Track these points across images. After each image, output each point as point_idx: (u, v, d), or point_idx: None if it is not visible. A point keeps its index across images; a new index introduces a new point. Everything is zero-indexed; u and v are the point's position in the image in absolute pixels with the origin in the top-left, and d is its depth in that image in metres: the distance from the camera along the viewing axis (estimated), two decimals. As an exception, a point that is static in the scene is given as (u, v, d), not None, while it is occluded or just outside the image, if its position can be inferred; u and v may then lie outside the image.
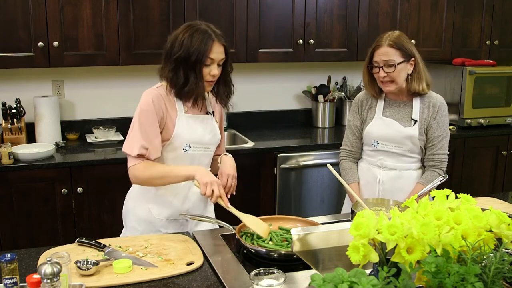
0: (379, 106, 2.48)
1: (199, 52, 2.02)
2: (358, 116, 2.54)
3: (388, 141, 2.43)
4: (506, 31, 4.29)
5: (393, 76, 2.34)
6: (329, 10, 3.73)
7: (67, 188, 3.02)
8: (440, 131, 2.41)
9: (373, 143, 2.47)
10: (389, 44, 2.34)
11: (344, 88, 4.18)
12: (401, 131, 2.40)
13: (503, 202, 2.44)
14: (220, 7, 3.45)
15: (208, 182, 1.97)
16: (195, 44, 2.03)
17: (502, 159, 4.11)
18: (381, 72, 2.35)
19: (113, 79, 3.68)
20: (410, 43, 2.39)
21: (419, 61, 2.40)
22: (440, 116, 2.41)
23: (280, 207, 3.50)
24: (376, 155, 2.48)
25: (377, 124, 2.45)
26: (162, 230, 2.19)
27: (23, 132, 3.27)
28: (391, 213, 1.38)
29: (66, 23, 3.15)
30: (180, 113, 2.13)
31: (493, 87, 4.14)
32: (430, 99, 2.43)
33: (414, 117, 2.41)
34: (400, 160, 2.45)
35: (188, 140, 2.14)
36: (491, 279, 1.26)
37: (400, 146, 2.42)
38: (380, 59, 2.35)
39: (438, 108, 2.41)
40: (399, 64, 2.33)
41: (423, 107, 2.42)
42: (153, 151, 2.07)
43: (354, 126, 2.54)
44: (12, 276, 1.48)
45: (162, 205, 2.19)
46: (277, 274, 1.48)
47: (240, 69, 3.93)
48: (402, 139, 2.41)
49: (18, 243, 2.99)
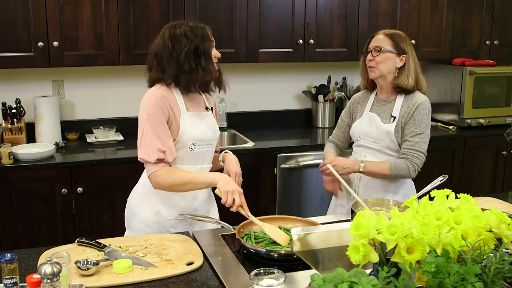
0: (368, 103, 2.53)
1: (204, 38, 2.12)
2: (349, 113, 2.61)
3: (368, 136, 2.47)
4: (506, 31, 4.29)
5: (377, 60, 2.39)
6: (329, 10, 3.73)
7: (67, 188, 3.02)
8: (415, 127, 2.36)
9: (356, 138, 2.53)
10: (384, 33, 2.43)
11: (344, 88, 4.18)
12: (379, 127, 2.43)
13: (503, 202, 2.44)
14: (220, 7, 3.45)
15: (229, 190, 1.95)
16: (198, 32, 2.11)
17: (502, 159, 4.11)
18: (369, 56, 2.42)
19: (113, 79, 3.68)
20: (407, 42, 2.42)
21: (412, 60, 2.40)
22: (417, 114, 2.37)
23: (280, 207, 3.50)
24: (360, 151, 2.53)
25: (362, 120, 2.51)
26: (172, 231, 2.19)
27: (23, 132, 3.27)
28: (391, 213, 1.38)
29: (66, 23, 3.15)
30: (183, 112, 2.14)
31: (493, 87, 4.14)
32: (414, 98, 2.41)
33: (393, 114, 2.42)
34: (378, 157, 2.44)
35: (193, 138, 2.14)
36: (491, 279, 1.26)
37: (378, 142, 2.44)
38: (372, 45, 2.43)
39: (418, 106, 2.37)
40: (387, 51, 2.38)
41: (404, 105, 2.41)
42: (170, 152, 2.06)
43: (342, 121, 2.65)
44: (12, 276, 1.48)
45: (170, 205, 2.19)
46: (277, 274, 1.48)
47: (240, 69, 3.93)
48: (380, 135, 2.43)
49: (18, 243, 2.99)
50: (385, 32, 2.43)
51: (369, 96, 2.55)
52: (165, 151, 2.04)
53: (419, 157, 2.36)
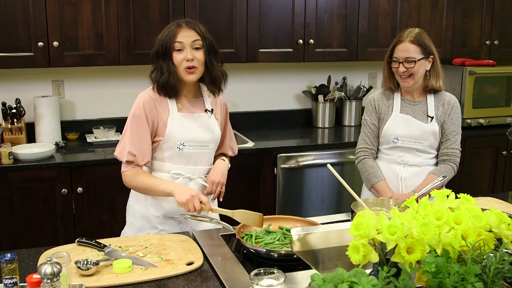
0: (396, 104, 2.53)
1: (166, 39, 2.09)
2: (376, 114, 2.58)
3: (409, 137, 2.48)
4: (506, 31, 4.29)
5: (412, 71, 2.41)
6: (329, 10, 3.73)
7: (67, 188, 3.02)
8: (454, 127, 2.50)
9: (392, 140, 2.51)
10: (410, 40, 2.41)
11: (344, 88, 4.18)
12: (421, 127, 2.47)
13: (503, 202, 2.44)
14: (220, 7, 3.45)
15: (185, 201, 1.99)
16: (164, 35, 2.12)
17: (502, 159, 4.11)
18: (401, 68, 2.41)
19: (113, 79, 3.68)
20: (429, 40, 2.46)
21: (437, 59, 2.47)
22: (454, 113, 2.50)
23: (280, 207, 3.50)
24: (395, 153, 2.52)
25: (396, 121, 2.51)
26: (159, 227, 2.20)
27: (23, 132, 3.27)
28: (391, 213, 1.38)
29: (66, 23, 3.15)
30: (172, 112, 2.15)
31: (493, 87, 4.14)
32: (444, 97, 2.52)
33: (430, 114, 2.48)
34: (419, 156, 2.50)
35: (181, 138, 2.14)
36: (491, 279, 1.26)
37: (420, 142, 2.48)
38: (401, 55, 2.41)
39: (453, 106, 2.50)
40: (418, 60, 2.40)
41: (437, 104, 2.50)
42: (141, 156, 2.11)
43: (372, 124, 2.57)
44: (12, 276, 1.48)
45: (159, 202, 2.20)
46: (277, 274, 1.48)
47: (240, 69, 3.93)
48: (423, 134, 2.47)
49: (18, 243, 2.98)
50: (411, 39, 2.40)
51: (391, 96, 2.57)
52: (135, 154, 2.09)
53: (459, 154, 2.52)
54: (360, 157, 2.59)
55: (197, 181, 2.22)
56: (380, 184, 2.49)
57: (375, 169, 2.53)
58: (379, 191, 2.48)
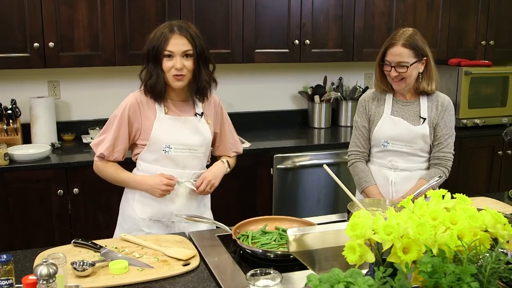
0: (387, 105, 2.47)
1: (158, 44, 2.09)
2: (366, 116, 2.52)
3: (398, 140, 2.42)
4: (501, 31, 4.30)
5: (404, 75, 2.35)
6: (325, 11, 3.73)
7: (63, 189, 3.02)
8: (447, 129, 2.43)
9: (382, 143, 2.45)
10: (403, 44, 2.33)
11: (340, 88, 4.18)
12: (411, 130, 2.40)
13: (499, 202, 2.45)
14: (216, 7, 3.45)
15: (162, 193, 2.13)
16: (156, 37, 2.11)
17: (498, 159, 4.12)
18: (393, 72, 2.35)
19: (109, 80, 3.68)
20: (423, 41, 2.39)
21: (431, 60, 2.40)
22: (447, 115, 2.44)
23: (277, 207, 3.50)
24: (386, 156, 2.46)
25: (386, 124, 2.44)
26: (145, 230, 2.19)
27: (18, 133, 3.26)
28: (387, 213, 1.38)
29: (62, 23, 3.14)
30: (159, 115, 2.14)
31: (488, 87, 4.15)
32: (438, 98, 2.45)
33: (422, 115, 2.41)
34: (410, 160, 2.44)
35: (167, 141, 2.14)
36: (487, 279, 1.27)
37: (411, 145, 2.42)
38: (393, 59, 2.34)
39: (446, 108, 2.44)
40: (411, 65, 2.33)
41: (431, 105, 2.43)
42: (111, 155, 2.18)
43: (363, 126, 2.51)
44: (7, 278, 1.48)
45: (146, 204, 2.19)
46: (274, 274, 1.48)
47: (236, 70, 3.93)
48: (413, 138, 2.40)
49: (14, 244, 2.97)
50: (404, 43, 2.32)
51: (383, 97, 2.50)
52: (107, 153, 2.16)
53: (451, 158, 2.45)
54: (352, 160, 2.55)
55: (184, 185, 2.20)
56: (370, 189, 2.45)
57: (366, 173, 2.49)
58: (369, 196, 2.43)
